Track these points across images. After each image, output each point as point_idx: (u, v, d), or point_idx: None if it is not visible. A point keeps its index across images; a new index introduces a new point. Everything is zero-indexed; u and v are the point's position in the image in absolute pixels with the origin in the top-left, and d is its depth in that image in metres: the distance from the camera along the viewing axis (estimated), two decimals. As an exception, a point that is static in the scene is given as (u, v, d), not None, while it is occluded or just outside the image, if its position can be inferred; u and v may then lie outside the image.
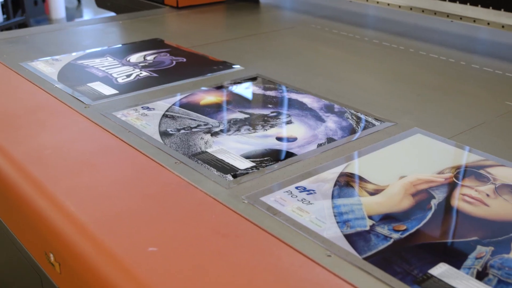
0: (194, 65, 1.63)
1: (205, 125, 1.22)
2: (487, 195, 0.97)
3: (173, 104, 1.33)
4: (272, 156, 1.09)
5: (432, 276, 0.78)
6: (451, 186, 1.00)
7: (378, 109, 1.32)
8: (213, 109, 1.30)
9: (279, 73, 1.56)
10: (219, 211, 0.92)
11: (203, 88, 1.43)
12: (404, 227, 0.88)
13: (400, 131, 1.21)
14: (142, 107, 1.30)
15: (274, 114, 1.28)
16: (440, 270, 0.79)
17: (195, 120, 1.24)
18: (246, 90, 1.45)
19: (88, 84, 1.44)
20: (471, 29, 1.99)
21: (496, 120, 1.29)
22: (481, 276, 0.78)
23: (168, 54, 1.71)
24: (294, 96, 1.39)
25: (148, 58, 1.67)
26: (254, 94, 1.42)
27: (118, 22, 2.12)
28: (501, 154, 1.11)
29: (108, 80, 1.47)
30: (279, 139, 1.16)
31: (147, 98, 1.37)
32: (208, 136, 1.16)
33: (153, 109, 1.29)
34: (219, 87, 1.45)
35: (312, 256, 0.82)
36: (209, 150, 1.10)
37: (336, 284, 0.77)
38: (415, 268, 0.79)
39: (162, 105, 1.32)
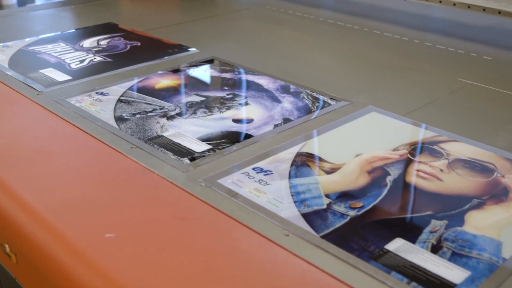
0: (149, 49, 1.61)
1: (160, 109, 1.21)
2: (441, 170, 0.99)
3: (128, 89, 1.31)
4: (229, 138, 1.09)
5: (388, 251, 0.79)
6: (406, 163, 1.01)
7: (333, 88, 1.33)
8: (169, 93, 1.29)
9: (235, 55, 1.56)
10: (176, 195, 0.92)
11: (158, 72, 1.42)
12: (361, 204, 0.89)
13: (356, 109, 1.22)
14: (96, 93, 1.28)
15: (230, 96, 1.28)
16: (396, 245, 0.80)
17: (150, 104, 1.23)
18: (202, 73, 1.44)
19: (41, 71, 1.41)
20: (424, 8, 2.01)
21: (449, 97, 1.32)
22: (435, 249, 0.79)
23: (122, 39, 1.69)
24: (250, 77, 1.39)
25: (102, 42, 1.65)
26: (210, 77, 1.42)
27: (71, 7, 2.08)
28: (454, 130, 1.13)
29: (61, 66, 1.45)
30: (235, 121, 1.16)
31: (101, 83, 1.35)
32: (164, 120, 1.15)
33: (108, 94, 1.28)
34: (175, 71, 1.43)
35: (270, 236, 0.82)
36: (165, 134, 1.10)
37: (294, 263, 0.77)
38: (371, 244, 0.80)
39: (116, 90, 1.30)
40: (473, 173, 0.98)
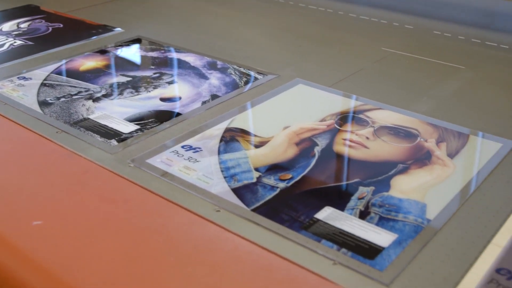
0: (72, 30, 1.57)
1: (86, 91, 1.18)
2: (367, 137, 1.01)
3: (52, 72, 1.28)
4: (156, 118, 1.08)
5: (318, 220, 0.80)
6: (333, 132, 1.03)
7: (260, 62, 1.33)
8: (94, 75, 1.27)
9: (161, 33, 1.54)
10: (105, 178, 0.91)
11: (83, 53, 1.39)
12: (290, 176, 0.90)
13: (283, 82, 1.23)
14: (18, 78, 1.24)
15: (157, 75, 1.27)
16: (325, 213, 0.82)
17: (75, 87, 1.20)
18: (127, 52, 1.42)
19: (-43, 58, 1.36)
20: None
21: (373, 66, 1.34)
22: (363, 215, 0.81)
23: (44, 21, 1.64)
24: (176, 55, 1.38)
25: (22, 25, 1.60)
26: (136, 57, 1.39)
27: (-13, -10, 2.00)
28: (379, 98, 1.16)
29: (-21, 52, 1.40)
30: (163, 99, 1.15)
31: (23, 67, 1.31)
32: (89, 103, 1.13)
33: (30, 78, 1.24)
34: (100, 52, 1.41)
35: (201, 213, 0.82)
36: (91, 117, 1.08)
37: (226, 238, 0.78)
38: (301, 214, 0.82)
39: (39, 74, 1.27)
40: (397, 139, 1.01)
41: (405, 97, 1.18)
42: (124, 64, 1.34)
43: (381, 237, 0.77)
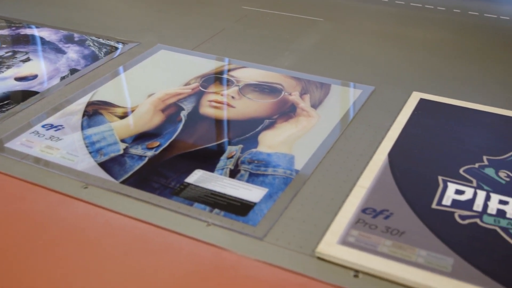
0: None
1: None
2: (232, 97, 1.01)
3: None
4: (13, 99, 1.02)
5: (189, 184, 0.80)
6: (199, 95, 1.02)
7: (120, 31, 1.29)
8: None
9: (10, 9, 1.45)
10: (-40, 168, 0.85)
11: None
12: (157, 143, 0.89)
13: (144, 50, 1.20)
14: None
15: (10, 54, 1.19)
16: (196, 176, 0.81)
17: None
18: (-25, 33, 1.33)
19: None
20: None
21: (234, 25, 1.34)
22: (234, 173, 0.82)
23: None
24: (29, 31, 1.31)
25: None
26: (-15, 36, 1.31)
27: None
28: (242, 57, 1.16)
29: None
30: (18, 79, 1.09)
31: None
32: None
33: None
34: None
35: (68, 191, 0.79)
36: None
37: (96, 214, 0.75)
38: (172, 180, 0.81)
39: None
40: (262, 95, 1.02)
41: (268, 54, 1.19)
42: (-28, 46, 1.25)
43: (252, 193, 0.78)
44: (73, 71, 1.11)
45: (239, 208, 0.75)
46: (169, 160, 0.85)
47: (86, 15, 1.41)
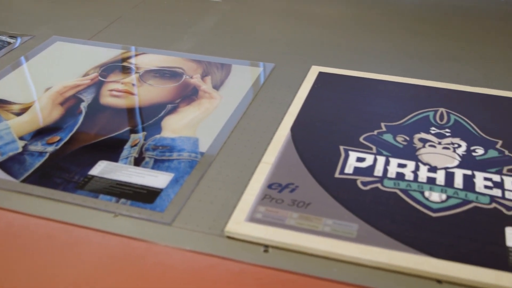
0: None
1: None
2: (133, 84, 1.00)
3: None
4: None
5: (93, 176, 0.78)
6: (98, 85, 1.00)
7: (12, 25, 1.24)
8: None
9: None
10: None
11: None
12: (58, 138, 0.86)
13: (39, 43, 1.16)
14: None
15: None
16: (100, 168, 0.80)
17: None
18: None
19: None
20: None
21: (132, 12, 1.32)
22: (138, 161, 0.81)
23: None
24: None
25: None
26: None
27: None
28: (141, 43, 1.14)
29: None
30: None
31: None
32: None
33: None
34: None
35: (-34, 196, 0.76)
36: None
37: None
38: (75, 174, 0.79)
39: None
40: (163, 80, 1.01)
41: (167, 38, 1.18)
42: None
43: (158, 179, 0.77)
44: (-37, 70, 1.06)
45: (145, 196, 0.74)
46: (71, 153, 0.83)
47: (-25, 11, 1.35)
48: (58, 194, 0.75)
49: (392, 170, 0.77)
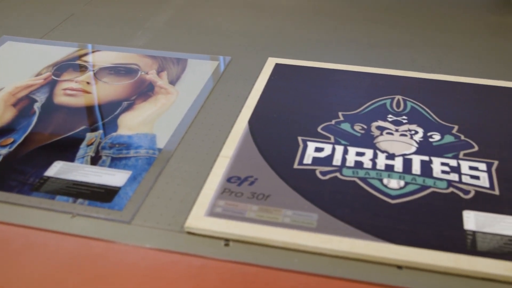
0: None
1: None
2: (88, 83, 0.98)
3: None
4: None
5: (49, 177, 0.77)
6: (52, 85, 0.98)
7: (-40, 27, 1.21)
8: None
9: None
10: None
11: None
12: (12, 140, 0.84)
13: (-11, 43, 1.13)
14: None
15: None
16: (56, 169, 0.78)
17: None
18: None
19: None
20: None
21: (84, 9, 1.29)
22: (95, 160, 0.80)
23: None
24: None
25: None
26: None
27: None
28: (94, 40, 1.13)
29: None
30: None
31: None
32: None
33: None
34: None
35: None
36: None
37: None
38: (30, 176, 0.77)
39: None
40: (118, 77, 0.99)
41: (121, 35, 1.16)
42: None
43: (115, 177, 0.76)
44: None
45: (103, 195, 0.73)
46: (26, 155, 0.81)
47: None
48: (13, 197, 0.74)
49: (351, 159, 0.78)
